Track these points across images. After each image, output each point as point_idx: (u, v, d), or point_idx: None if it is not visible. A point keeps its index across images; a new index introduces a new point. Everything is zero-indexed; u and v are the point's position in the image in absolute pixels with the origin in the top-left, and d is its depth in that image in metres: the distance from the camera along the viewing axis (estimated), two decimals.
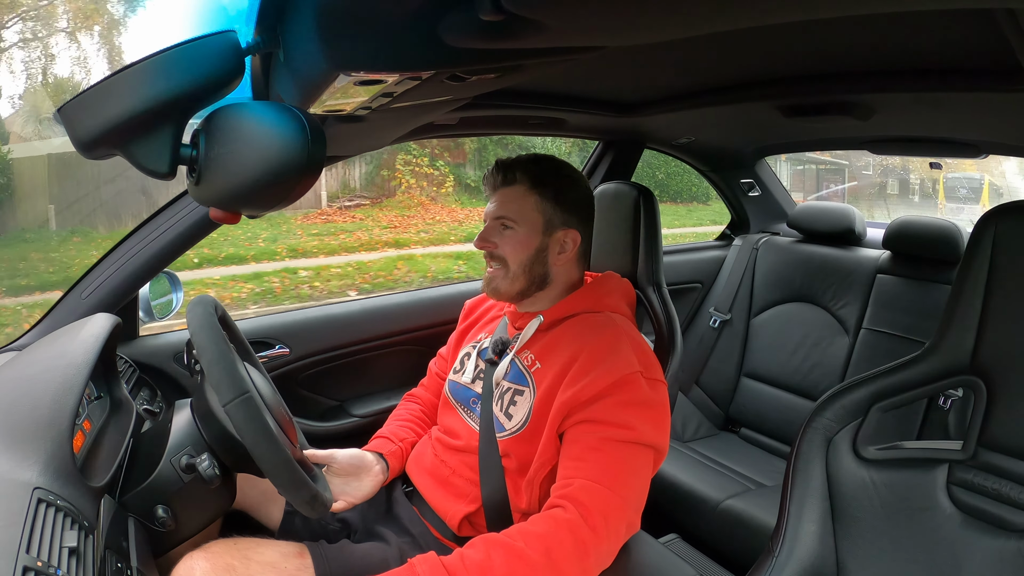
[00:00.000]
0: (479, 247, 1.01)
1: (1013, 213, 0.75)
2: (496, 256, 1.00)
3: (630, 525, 0.84)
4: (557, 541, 0.77)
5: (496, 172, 1.01)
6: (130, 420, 0.92)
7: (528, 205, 0.98)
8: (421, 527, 1.01)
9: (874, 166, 5.76)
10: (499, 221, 0.99)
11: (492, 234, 1.00)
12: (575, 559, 0.77)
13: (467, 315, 1.22)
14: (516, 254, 0.99)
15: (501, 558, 0.75)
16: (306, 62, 0.53)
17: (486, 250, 1.01)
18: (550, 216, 0.99)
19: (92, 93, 0.49)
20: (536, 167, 1.00)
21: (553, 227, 0.99)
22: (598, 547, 0.79)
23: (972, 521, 0.76)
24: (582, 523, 0.78)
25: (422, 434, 1.15)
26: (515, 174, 0.99)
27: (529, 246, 0.99)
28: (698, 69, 1.10)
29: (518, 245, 0.99)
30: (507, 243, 0.99)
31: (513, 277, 0.99)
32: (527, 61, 0.58)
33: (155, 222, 1.18)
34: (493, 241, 1.00)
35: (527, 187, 0.99)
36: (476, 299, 1.23)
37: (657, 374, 0.92)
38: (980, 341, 0.77)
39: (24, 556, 0.55)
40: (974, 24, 0.74)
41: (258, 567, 0.83)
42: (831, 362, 1.76)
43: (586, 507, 0.79)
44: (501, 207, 0.99)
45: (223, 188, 0.53)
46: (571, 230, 1.00)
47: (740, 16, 0.49)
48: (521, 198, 0.99)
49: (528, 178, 0.99)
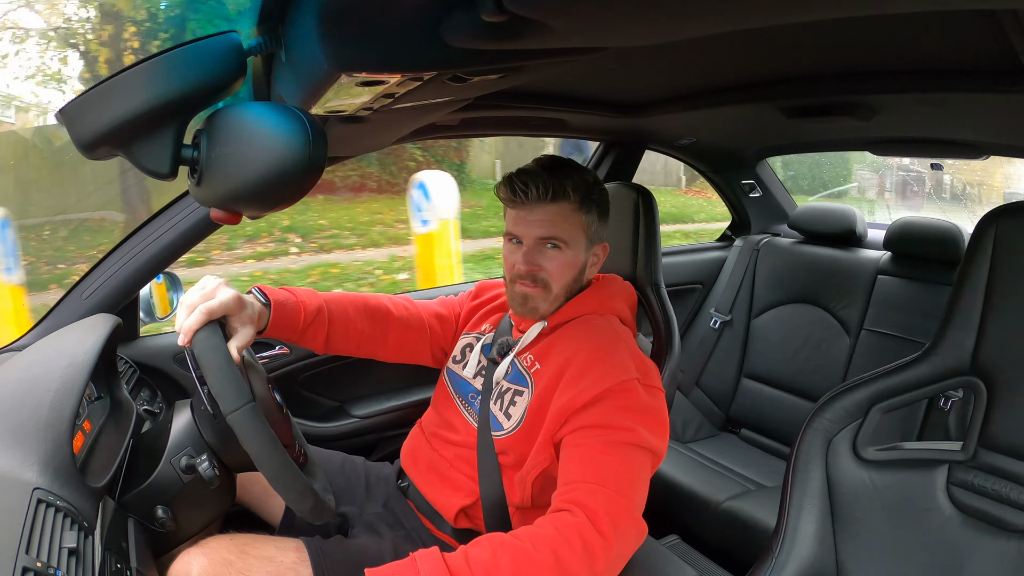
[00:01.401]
0: (527, 272, 0.93)
1: (1014, 214, 0.75)
2: (539, 279, 0.93)
3: (638, 528, 0.81)
4: (566, 545, 0.74)
5: (539, 184, 0.90)
6: (130, 421, 0.92)
7: (577, 224, 0.92)
8: (415, 521, 1.01)
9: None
10: (546, 241, 0.92)
11: (537, 255, 0.92)
12: (584, 563, 0.74)
13: (477, 295, 1.16)
14: (562, 276, 0.93)
15: (508, 558, 0.73)
16: (308, 63, 0.53)
17: (531, 273, 0.93)
18: (592, 233, 0.95)
19: (94, 94, 0.49)
20: (582, 179, 0.92)
21: (593, 243, 0.96)
22: (608, 552, 0.76)
23: (972, 522, 0.76)
24: (590, 527, 0.76)
25: (348, 315, 1.02)
26: (566, 189, 0.90)
27: (575, 266, 0.94)
28: (700, 70, 1.10)
29: (566, 267, 0.93)
30: (554, 265, 0.93)
31: (555, 299, 0.95)
32: (529, 62, 0.58)
33: (156, 223, 1.18)
34: (539, 263, 0.92)
35: (577, 204, 0.91)
36: (489, 282, 1.19)
37: (655, 381, 0.91)
38: (980, 342, 0.77)
39: (24, 556, 0.55)
40: (976, 25, 0.74)
41: (255, 562, 0.83)
42: (831, 363, 1.76)
43: (593, 511, 0.77)
44: (549, 227, 0.91)
45: (224, 189, 0.53)
46: (604, 243, 0.98)
47: (742, 17, 0.49)
48: (571, 216, 0.91)
49: (579, 194, 0.91)
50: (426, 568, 0.72)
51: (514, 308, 0.98)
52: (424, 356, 1.13)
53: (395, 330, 1.08)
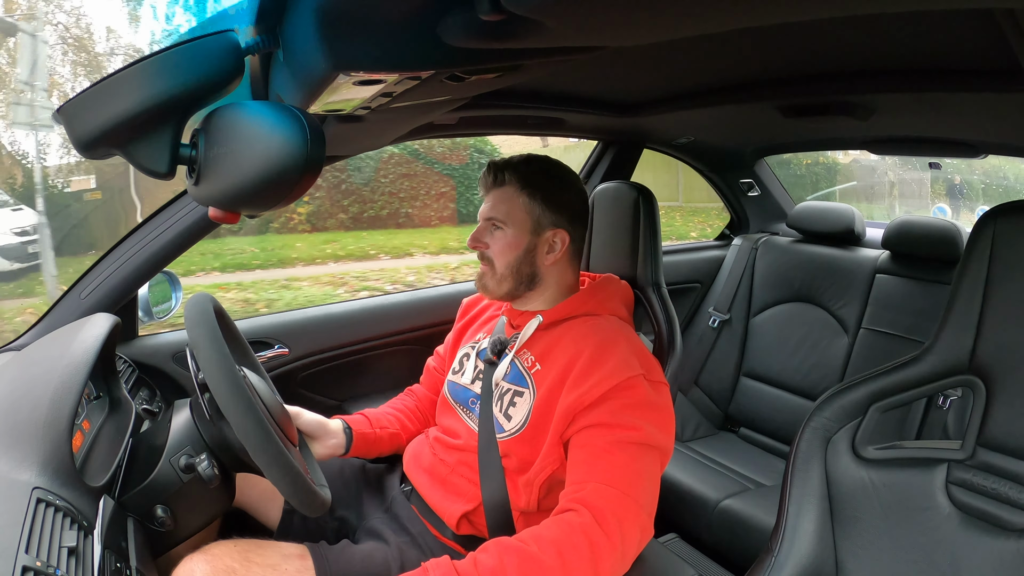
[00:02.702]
0: (471, 247, 1.03)
1: (1012, 213, 0.75)
2: (486, 256, 1.01)
3: (644, 529, 0.82)
4: (571, 545, 0.75)
5: (488, 173, 1.02)
6: (129, 420, 0.92)
7: (517, 206, 0.99)
8: (420, 526, 1.01)
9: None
10: (490, 222, 1.01)
11: (483, 235, 1.02)
12: (589, 564, 0.75)
13: (464, 313, 1.22)
14: (503, 255, 1.00)
15: (514, 563, 0.74)
16: (305, 62, 0.53)
17: (477, 250, 1.02)
18: (538, 216, 1.00)
19: (91, 93, 0.49)
20: (526, 168, 1.01)
21: (542, 227, 1.00)
22: (612, 552, 0.77)
23: (971, 521, 0.76)
24: (596, 527, 0.77)
25: (409, 428, 1.16)
26: (505, 175, 1.00)
27: (517, 247, 0.99)
28: (698, 69, 1.10)
29: (506, 246, 1.00)
30: (496, 244, 1.00)
31: (500, 277, 1.00)
32: (527, 61, 0.58)
33: (154, 222, 1.18)
34: (484, 241, 1.02)
35: (517, 188, 1.00)
36: (474, 298, 1.23)
37: (659, 376, 0.92)
38: (979, 341, 0.77)
39: (23, 556, 0.55)
40: (974, 24, 0.74)
41: (259, 569, 0.82)
42: (830, 362, 1.76)
43: (600, 511, 0.78)
44: (492, 208, 1.01)
45: (222, 188, 0.53)
46: (560, 230, 1.00)
47: (740, 16, 0.49)
48: (511, 199, 1.00)
49: (517, 179, 1.00)
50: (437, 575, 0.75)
51: (478, 290, 1.06)
52: None
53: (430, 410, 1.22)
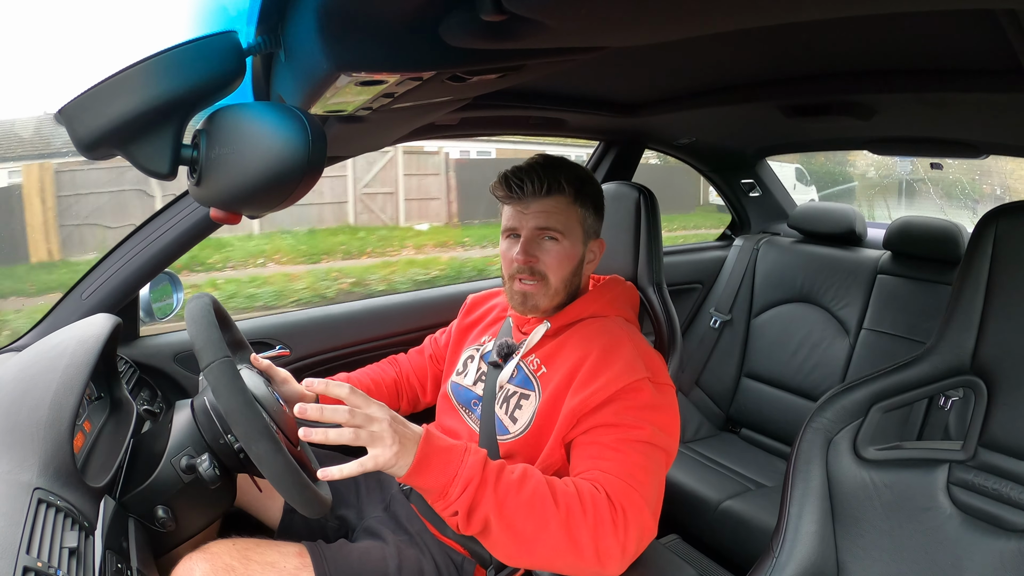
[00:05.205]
0: (523, 262, 0.94)
1: (1013, 213, 0.75)
2: (536, 271, 0.94)
3: (646, 528, 0.79)
4: (581, 511, 0.75)
5: (533, 179, 0.92)
6: (130, 420, 0.92)
7: (573, 216, 0.94)
8: (419, 525, 1.01)
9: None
10: (542, 232, 0.94)
11: (534, 246, 0.94)
12: (590, 531, 0.74)
13: (470, 311, 1.19)
14: (560, 268, 0.94)
15: (529, 491, 0.75)
16: (307, 62, 0.53)
17: (528, 265, 0.94)
18: (588, 226, 0.97)
19: (93, 94, 0.49)
20: (575, 174, 0.95)
21: (589, 237, 0.98)
22: (615, 533, 0.75)
23: (972, 521, 0.76)
24: (607, 504, 0.76)
25: (378, 391, 1.15)
26: (560, 183, 0.93)
27: (573, 259, 0.95)
28: (699, 69, 1.10)
29: (564, 258, 0.94)
30: (551, 256, 0.94)
31: (554, 292, 0.95)
32: (528, 61, 0.58)
33: (155, 222, 1.18)
34: (536, 255, 0.94)
35: (572, 197, 0.94)
36: (479, 296, 1.21)
37: (664, 378, 0.92)
38: (980, 341, 0.77)
39: (24, 556, 0.55)
40: (975, 24, 0.74)
41: (258, 567, 0.83)
42: (831, 362, 1.76)
43: (610, 496, 0.77)
44: (545, 217, 0.93)
45: (224, 189, 0.53)
46: (600, 239, 1.00)
47: (740, 17, 0.49)
48: (567, 208, 0.94)
49: (573, 187, 0.94)
50: (469, 461, 0.74)
51: (515, 307, 0.99)
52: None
53: (407, 394, 1.20)
